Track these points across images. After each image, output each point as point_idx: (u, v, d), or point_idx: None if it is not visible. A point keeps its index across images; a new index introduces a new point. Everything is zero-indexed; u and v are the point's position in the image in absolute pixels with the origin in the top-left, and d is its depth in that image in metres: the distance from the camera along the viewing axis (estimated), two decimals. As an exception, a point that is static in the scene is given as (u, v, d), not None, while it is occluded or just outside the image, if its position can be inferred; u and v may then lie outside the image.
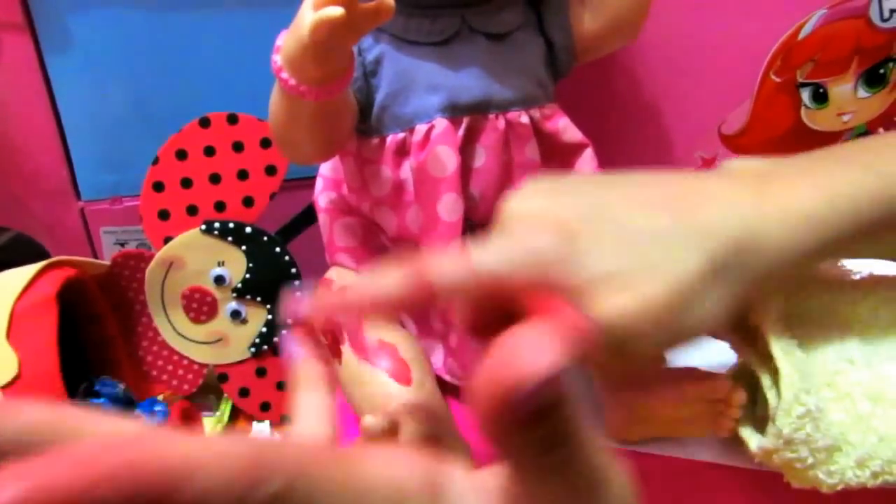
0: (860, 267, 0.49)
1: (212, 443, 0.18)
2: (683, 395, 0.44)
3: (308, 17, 0.39)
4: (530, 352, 0.17)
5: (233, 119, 0.65)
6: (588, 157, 0.54)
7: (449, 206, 0.50)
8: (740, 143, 0.60)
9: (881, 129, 0.61)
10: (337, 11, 0.37)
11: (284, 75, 0.43)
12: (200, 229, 0.65)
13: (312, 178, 0.63)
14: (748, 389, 0.44)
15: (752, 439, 0.42)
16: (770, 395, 0.42)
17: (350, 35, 0.40)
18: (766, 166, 0.37)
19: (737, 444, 0.45)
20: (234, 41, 0.69)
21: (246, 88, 0.69)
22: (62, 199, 0.72)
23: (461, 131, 0.50)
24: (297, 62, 0.42)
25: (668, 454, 0.50)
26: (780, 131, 0.61)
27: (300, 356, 0.29)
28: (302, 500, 0.19)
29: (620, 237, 0.31)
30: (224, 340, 0.68)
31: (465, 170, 0.51)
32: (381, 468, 0.21)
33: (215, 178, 0.65)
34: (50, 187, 0.72)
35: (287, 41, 0.42)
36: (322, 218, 0.57)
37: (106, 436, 0.20)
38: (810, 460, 0.39)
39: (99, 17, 0.67)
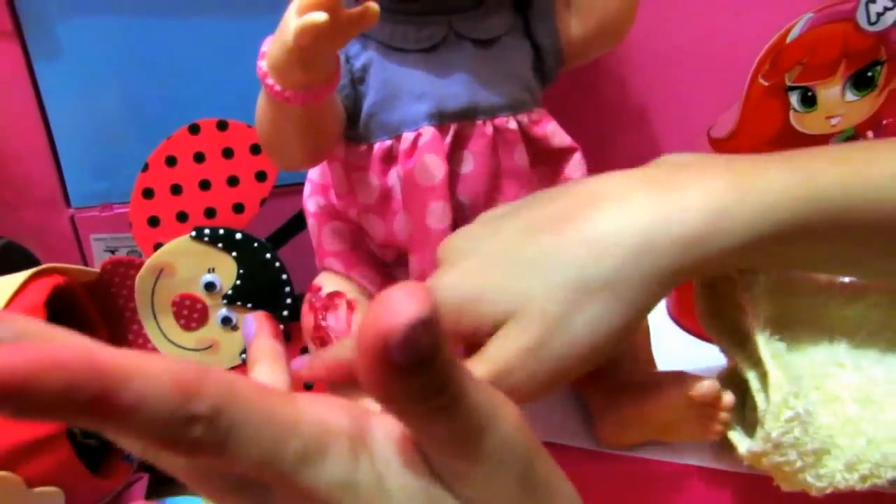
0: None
1: (151, 358, 0.20)
2: (672, 399, 0.44)
3: (292, 22, 0.39)
4: (399, 305, 0.19)
5: (222, 125, 0.64)
6: (577, 162, 0.54)
7: (437, 215, 0.50)
8: (729, 147, 0.61)
9: (869, 133, 0.61)
10: (321, 17, 0.37)
11: (270, 81, 0.43)
12: (190, 236, 0.65)
13: (303, 185, 0.63)
14: (737, 393, 0.44)
15: (742, 443, 0.42)
16: (759, 398, 0.42)
17: (335, 40, 0.40)
18: (690, 160, 0.37)
19: (726, 447, 0.45)
20: (224, 47, 0.69)
21: (236, 95, 0.69)
22: (52, 207, 0.72)
23: (448, 138, 0.50)
24: (281, 68, 0.42)
25: (657, 458, 0.50)
26: (770, 135, 0.61)
27: (256, 333, 0.30)
28: (226, 426, 0.20)
29: (505, 272, 0.32)
30: (215, 347, 0.67)
31: (453, 177, 0.51)
32: (308, 407, 0.22)
33: (205, 185, 0.65)
34: (39, 194, 0.71)
35: (272, 47, 0.42)
36: (311, 222, 0.57)
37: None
38: (799, 463, 0.39)
39: (88, 23, 0.67)
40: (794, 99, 0.59)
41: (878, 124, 0.61)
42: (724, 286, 0.45)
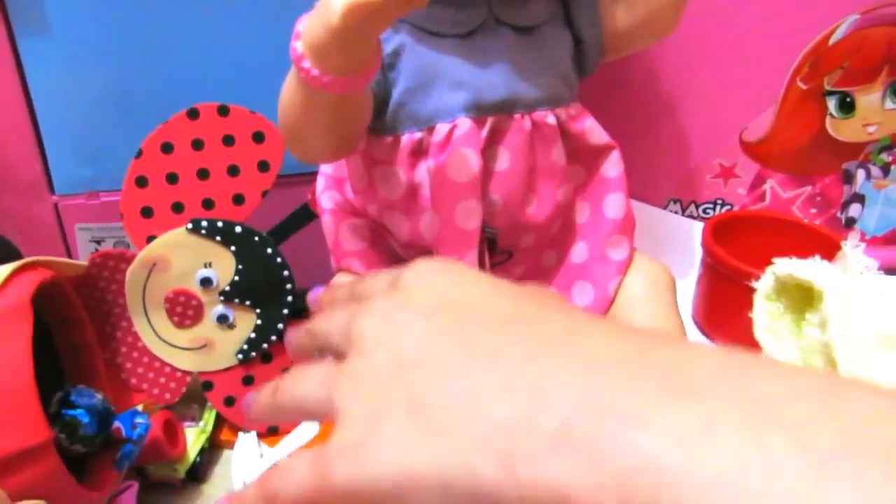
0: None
1: None
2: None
3: (338, 0, 0.35)
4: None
5: (223, 111, 0.60)
6: (615, 160, 0.51)
7: (467, 213, 0.47)
8: (761, 152, 0.58)
9: (905, 142, 0.59)
10: None
11: (306, 64, 0.39)
12: (186, 228, 0.61)
13: (307, 175, 0.59)
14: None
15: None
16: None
17: (384, 21, 0.37)
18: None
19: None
20: (226, 26, 0.65)
21: (238, 77, 0.65)
22: (34, 194, 0.67)
23: (485, 132, 0.47)
24: (322, 50, 0.38)
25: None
26: (803, 141, 0.58)
27: None
28: None
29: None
30: (210, 346, 0.63)
31: (486, 174, 0.47)
32: None
33: (203, 174, 0.61)
34: (21, 180, 0.67)
35: (310, 27, 0.38)
36: (326, 219, 0.54)
37: None
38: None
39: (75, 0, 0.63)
40: (831, 104, 0.57)
41: (915, 133, 0.58)
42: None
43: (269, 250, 0.62)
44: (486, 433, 0.23)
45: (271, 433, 0.65)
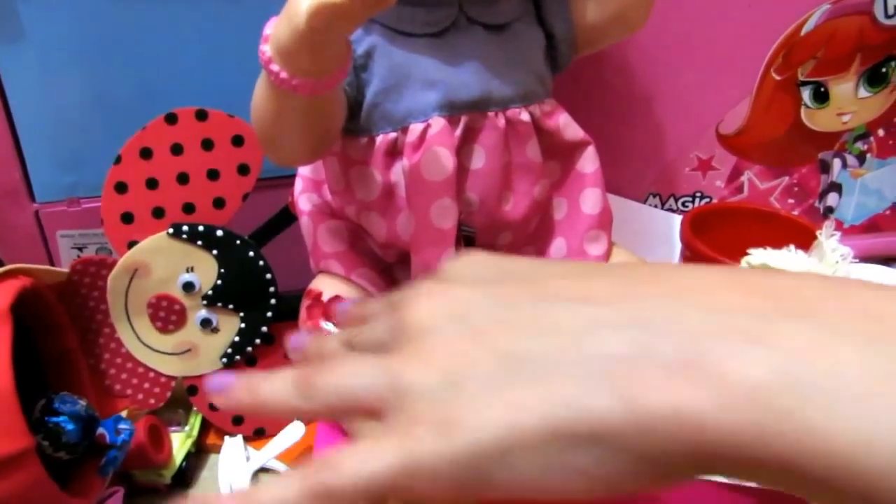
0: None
1: None
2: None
3: (304, 2, 0.35)
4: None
5: (202, 115, 0.60)
6: (591, 155, 0.51)
7: (442, 212, 0.47)
8: (738, 144, 0.58)
9: (880, 131, 0.59)
10: None
11: (275, 67, 0.39)
12: (167, 233, 0.61)
13: (288, 178, 0.59)
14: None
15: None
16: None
17: (351, 22, 0.37)
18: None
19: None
20: (202, 30, 0.64)
21: (215, 82, 0.65)
22: (14, 201, 0.67)
23: (458, 131, 0.47)
24: (289, 52, 0.38)
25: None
26: (779, 132, 0.59)
27: None
28: None
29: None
30: (193, 351, 0.63)
31: (462, 172, 0.48)
32: None
33: (183, 178, 0.61)
34: (1, 189, 0.66)
35: (278, 29, 0.38)
36: (305, 221, 0.54)
37: None
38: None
39: (52, 3, 0.62)
40: (805, 94, 0.57)
41: (889, 122, 0.59)
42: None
43: (251, 253, 0.62)
44: (597, 369, 0.22)
45: (257, 436, 0.65)
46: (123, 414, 0.61)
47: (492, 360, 0.23)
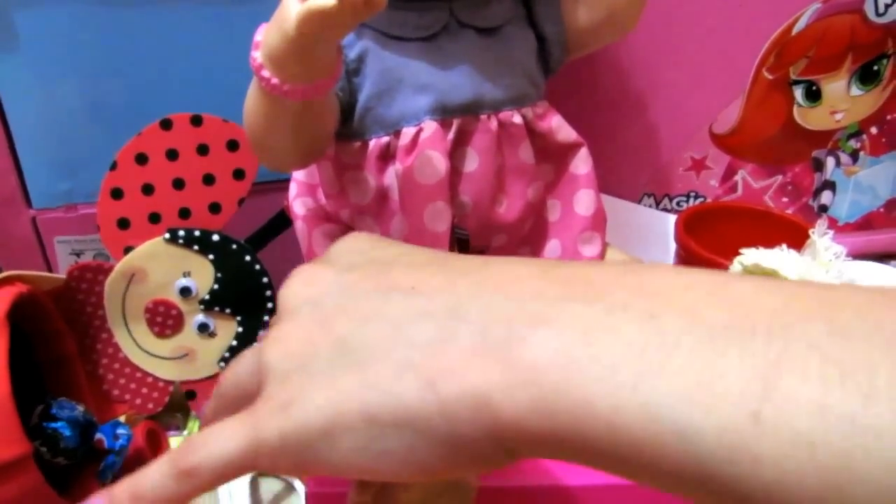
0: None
1: None
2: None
3: (294, 8, 0.35)
4: None
5: (197, 120, 0.60)
6: (584, 157, 0.51)
7: (435, 215, 0.47)
8: (731, 143, 0.59)
9: (873, 129, 0.59)
10: (328, 2, 0.34)
11: (266, 73, 0.39)
12: (164, 238, 0.61)
13: (284, 182, 0.59)
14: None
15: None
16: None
17: (340, 28, 0.37)
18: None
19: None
20: (196, 37, 0.65)
21: (210, 87, 0.65)
22: (11, 208, 0.67)
23: (451, 134, 0.47)
24: (280, 59, 0.38)
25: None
26: (773, 131, 0.59)
27: None
28: None
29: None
30: (191, 355, 0.63)
31: (455, 175, 0.48)
32: None
33: (179, 184, 0.61)
34: (-2, 196, 0.67)
35: (268, 36, 0.38)
36: (299, 226, 0.54)
37: None
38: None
39: (47, 12, 0.63)
40: (798, 93, 0.58)
41: (882, 120, 0.59)
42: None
43: (248, 258, 0.62)
44: (406, 357, 0.23)
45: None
46: (121, 419, 0.61)
47: (330, 346, 0.25)
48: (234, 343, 0.63)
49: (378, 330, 0.24)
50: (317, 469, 0.24)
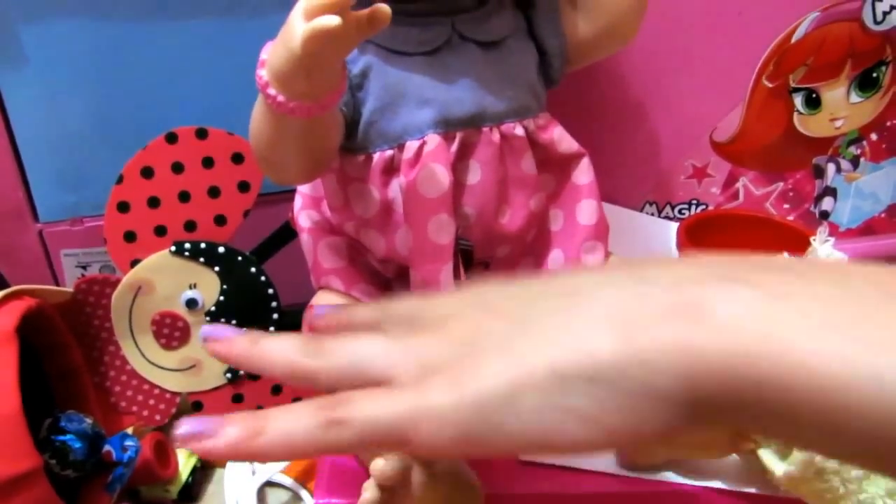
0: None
1: None
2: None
3: (299, 27, 0.36)
4: None
5: (202, 134, 0.61)
6: (585, 167, 0.52)
7: (439, 228, 0.48)
8: (732, 151, 0.59)
9: (873, 135, 0.60)
10: (333, 21, 0.34)
11: (272, 91, 0.39)
12: (170, 251, 0.61)
13: (288, 194, 0.60)
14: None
15: (777, 466, 0.40)
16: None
17: (345, 46, 0.37)
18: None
19: (752, 467, 0.43)
20: (200, 51, 0.65)
21: (214, 101, 0.66)
22: (19, 221, 0.68)
23: (454, 147, 0.47)
24: (286, 77, 0.39)
25: (677, 481, 0.48)
26: (773, 138, 0.59)
27: None
28: None
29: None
30: (198, 367, 0.64)
31: (458, 187, 0.48)
32: None
33: (185, 197, 0.62)
34: (5, 209, 0.67)
35: (274, 55, 0.39)
36: (305, 238, 0.54)
37: None
38: (842, 490, 0.37)
39: (53, 27, 0.63)
40: (798, 101, 0.58)
41: (882, 126, 0.59)
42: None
43: (253, 269, 0.62)
44: (596, 315, 0.23)
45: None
46: (129, 431, 0.62)
47: (504, 325, 0.25)
48: (241, 354, 0.64)
49: (561, 301, 0.25)
50: (485, 442, 0.23)
